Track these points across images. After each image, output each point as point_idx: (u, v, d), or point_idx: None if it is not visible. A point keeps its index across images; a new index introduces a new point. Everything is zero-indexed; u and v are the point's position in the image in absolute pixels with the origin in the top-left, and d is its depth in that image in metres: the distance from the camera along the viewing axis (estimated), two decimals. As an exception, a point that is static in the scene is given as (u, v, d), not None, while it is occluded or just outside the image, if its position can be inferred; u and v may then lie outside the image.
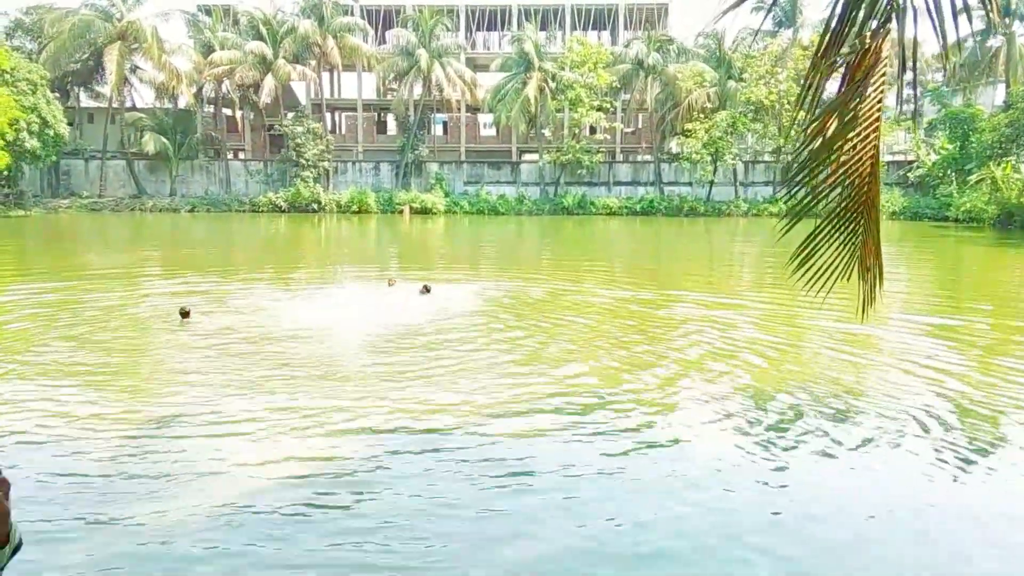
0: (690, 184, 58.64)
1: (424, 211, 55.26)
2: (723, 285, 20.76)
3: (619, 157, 62.56)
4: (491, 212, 56.18)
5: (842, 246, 4.00)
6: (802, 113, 4.24)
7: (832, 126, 4.20)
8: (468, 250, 33.26)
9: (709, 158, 54.83)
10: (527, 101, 55.05)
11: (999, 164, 45.13)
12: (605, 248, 34.52)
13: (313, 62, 58.58)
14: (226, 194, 58.27)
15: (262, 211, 54.85)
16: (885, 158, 59.46)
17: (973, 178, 47.20)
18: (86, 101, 61.30)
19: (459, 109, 61.93)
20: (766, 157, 61.27)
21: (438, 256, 30.18)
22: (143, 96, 61.67)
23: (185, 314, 13.69)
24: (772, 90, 53.47)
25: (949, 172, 52.93)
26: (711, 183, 57.32)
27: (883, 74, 4.34)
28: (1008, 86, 52.01)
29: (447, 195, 57.61)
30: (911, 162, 57.43)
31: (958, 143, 52.50)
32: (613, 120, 59.53)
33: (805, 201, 3.96)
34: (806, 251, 3.98)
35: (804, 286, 3.93)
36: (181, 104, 59.57)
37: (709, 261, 28.81)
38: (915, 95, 57.81)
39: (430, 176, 59.25)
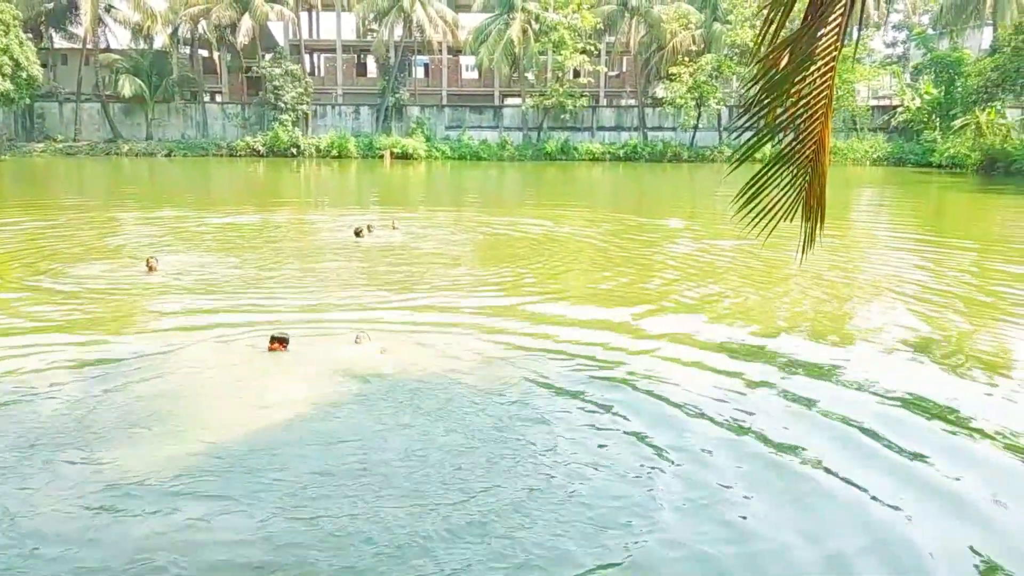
0: (674, 129, 58.20)
1: (405, 156, 54.54)
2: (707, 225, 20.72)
3: (603, 102, 61.87)
4: (473, 157, 55.56)
5: (789, 186, 3.94)
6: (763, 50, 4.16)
7: (786, 63, 4.11)
8: (452, 194, 33.02)
9: (693, 103, 54.32)
10: (510, 43, 54.14)
11: (984, 109, 44.94)
12: (588, 195, 34.33)
13: (291, 1, 57.18)
14: (203, 138, 57.27)
15: (240, 155, 53.99)
16: (870, 103, 59.16)
17: (957, 123, 46.93)
18: (60, 42, 59.56)
19: (441, 51, 60.82)
20: (751, 102, 60.64)
21: (421, 201, 29.93)
22: (118, 37, 60.09)
23: (151, 267, 12.66)
24: (758, 32, 52.70)
25: (933, 117, 52.72)
26: (695, 128, 56.84)
27: (841, 11, 4.23)
28: (995, 29, 51.55)
29: (428, 140, 56.84)
30: (896, 107, 57.08)
31: (943, 87, 52.20)
32: (597, 63, 58.72)
33: (753, 140, 3.88)
34: (752, 190, 3.93)
35: (747, 225, 3.88)
36: (157, 45, 58.09)
37: (692, 205, 28.72)
38: (908, 34, 57.29)
39: (411, 120, 58.40)
